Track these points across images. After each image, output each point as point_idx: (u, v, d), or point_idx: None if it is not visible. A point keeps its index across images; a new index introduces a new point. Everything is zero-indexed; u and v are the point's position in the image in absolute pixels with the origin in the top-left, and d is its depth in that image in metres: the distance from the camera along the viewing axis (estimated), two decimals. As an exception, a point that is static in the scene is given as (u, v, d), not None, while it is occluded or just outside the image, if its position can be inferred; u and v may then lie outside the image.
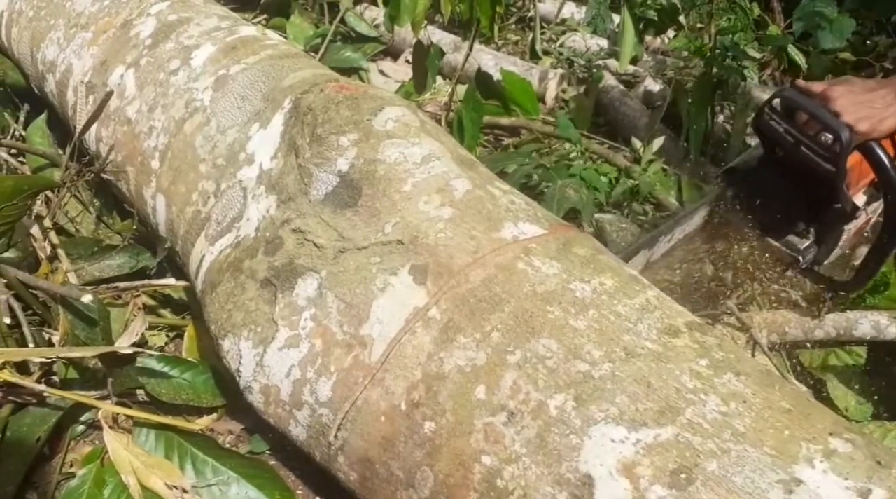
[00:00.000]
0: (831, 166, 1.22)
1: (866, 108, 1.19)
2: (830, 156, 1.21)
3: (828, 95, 1.21)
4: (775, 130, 1.27)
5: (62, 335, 1.37)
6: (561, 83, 2.67)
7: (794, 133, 1.24)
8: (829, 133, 1.19)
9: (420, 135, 1.21)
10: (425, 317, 1.03)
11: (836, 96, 1.20)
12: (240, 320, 1.17)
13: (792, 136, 1.25)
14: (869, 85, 1.23)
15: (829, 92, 1.21)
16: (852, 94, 1.20)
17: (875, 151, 1.23)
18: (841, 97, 1.20)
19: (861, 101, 1.20)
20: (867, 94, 1.21)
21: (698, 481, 0.82)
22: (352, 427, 1.06)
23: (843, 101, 1.19)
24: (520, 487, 0.90)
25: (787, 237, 1.36)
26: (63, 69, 1.82)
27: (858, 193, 1.33)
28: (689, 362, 0.93)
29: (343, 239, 1.14)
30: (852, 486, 0.79)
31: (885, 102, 1.19)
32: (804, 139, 1.23)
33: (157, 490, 1.25)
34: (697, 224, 1.48)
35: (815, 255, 1.36)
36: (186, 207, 1.41)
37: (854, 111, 1.19)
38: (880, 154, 1.22)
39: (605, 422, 0.89)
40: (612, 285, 1.03)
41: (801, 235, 1.35)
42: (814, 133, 1.22)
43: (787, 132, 1.25)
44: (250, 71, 1.47)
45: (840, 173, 1.22)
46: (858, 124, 1.18)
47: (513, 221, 1.12)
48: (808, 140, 1.23)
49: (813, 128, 1.23)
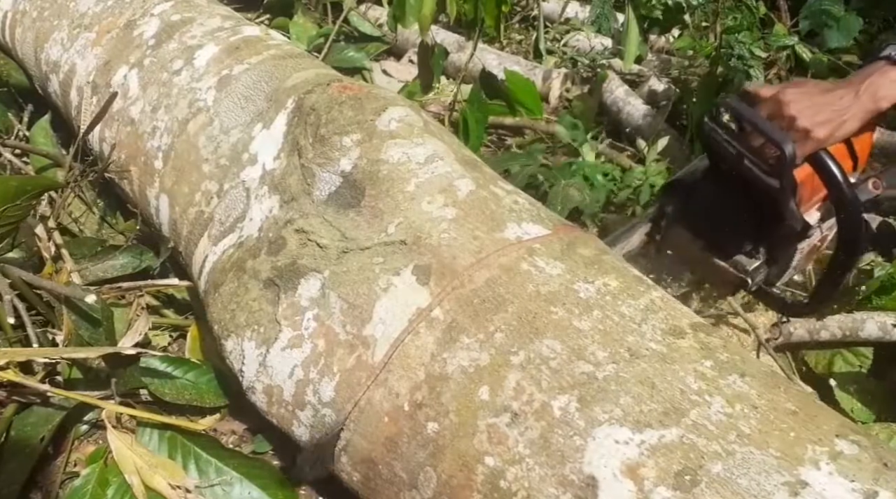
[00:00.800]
0: (776, 181, 1.11)
1: (825, 111, 1.07)
2: (775, 170, 1.10)
3: (780, 99, 1.10)
4: (718, 142, 1.15)
5: (66, 335, 1.37)
6: (565, 83, 2.67)
7: (736, 145, 1.13)
8: (773, 146, 1.08)
9: (423, 135, 1.21)
10: (428, 317, 1.03)
11: (789, 99, 1.09)
12: (243, 321, 1.17)
13: (734, 148, 1.13)
14: (824, 85, 1.11)
15: (782, 95, 1.10)
16: (808, 97, 1.09)
17: (826, 164, 1.10)
18: (795, 100, 1.08)
19: (818, 103, 1.08)
20: (824, 95, 1.09)
21: (703, 483, 0.81)
22: (355, 428, 1.05)
23: (799, 105, 1.08)
24: (523, 488, 0.89)
25: (734, 257, 1.24)
26: (66, 69, 1.82)
27: (812, 210, 1.21)
28: (693, 364, 0.92)
29: (346, 239, 1.14)
30: (859, 488, 0.78)
31: (843, 104, 1.07)
32: (747, 152, 1.12)
33: (160, 490, 1.25)
34: (637, 242, 1.35)
35: (765, 276, 1.25)
36: (189, 207, 1.41)
37: (811, 115, 1.07)
38: (832, 168, 1.09)
39: (609, 423, 0.88)
40: (617, 286, 1.03)
41: (750, 254, 1.23)
42: (757, 145, 1.12)
43: (728, 143, 1.14)
44: (253, 71, 1.47)
45: (786, 189, 1.11)
46: (816, 129, 1.07)
47: (516, 222, 1.11)
48: (751, 152, 1.12)
49: (756, 139, 1.12)
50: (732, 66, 2.14)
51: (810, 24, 2.58)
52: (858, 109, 1.07)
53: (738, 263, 1.23)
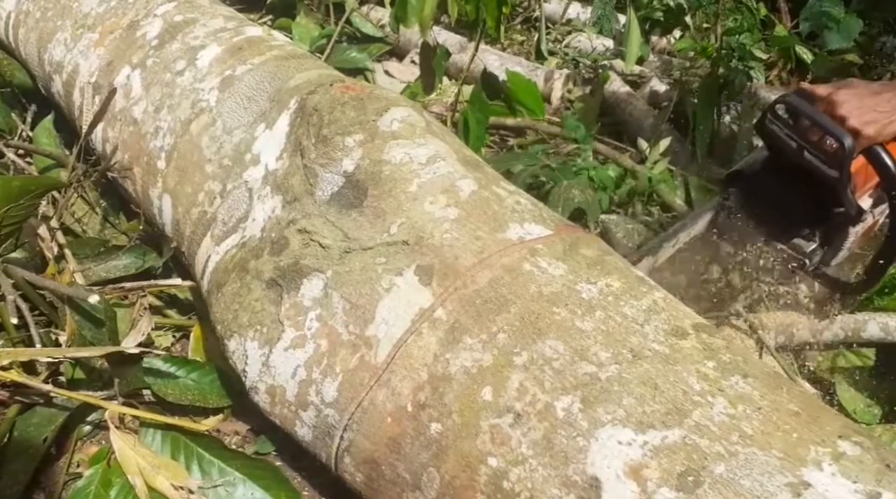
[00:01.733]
0: (835, 172, 1.21)
1: (872, 111, 1.18)
2: (834, 162, 1.21)
3: (833, 99, 1.20)
4: (778, 136, 1.27)
5: (69, 336, 1.37)
6: (566, 84, 2.67)
7: (797, 138, 1.24)
8: (832, 139, 1.19)
9: (425, 135, 1.21)
10: (431, 318, 1.03)
11: (841, 100, 1.19)
12: (245, 321, 1.17)
13: (795, 141, 1.24)
14: (873, 88, 1.22)
15: (834, 96, 1.21)
16: (858, 98, 1.19)
17: (880, 156, 1.22)
18: (846, 101, 1.19)
19: (867, 104, 1.19)
20: (872, 97, 1.19)
21: (706, 484, 0.81)
22: (358, 428, 1.05)
23: (849, 106, 1.19)
24: (526, 489, 0.90)
25: (793, 240, 1.35)
26: (70, 70, 1.82)
27: (864, 196, 1.32)
28: (696, 364, 0.92)
29: (348, 239, 1.14)
30: (861, 489, 0.78)
31: (892, 106, 1.18)
32: (807, 145, 1.23)
33: (163, 491, 1.25)
34: (702, 228, 1.47)
35: (821, 257, 1.36)
36: (192, 207, 1.41)
37: (860, 115, 1.18)
38: (885, 158, 1.22)
39: (612, 424, 0.88)
40: (619, 287, 1.03)
41: (807, 237, 1.35)
42: (817, 139, 1.22)
43: (790, 137, 1.25)
44: (256, 72, 1.47)
45: (844, 179, 1.22)
46: (865, 128, 1.18)
47: (518, 222, 1.12)
48: (812, 146, 1.23)
49: (816, 133, 1.22)
50: (733, 67, 2.14)
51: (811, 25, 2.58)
52: None
53: (797, 246, 1.34)
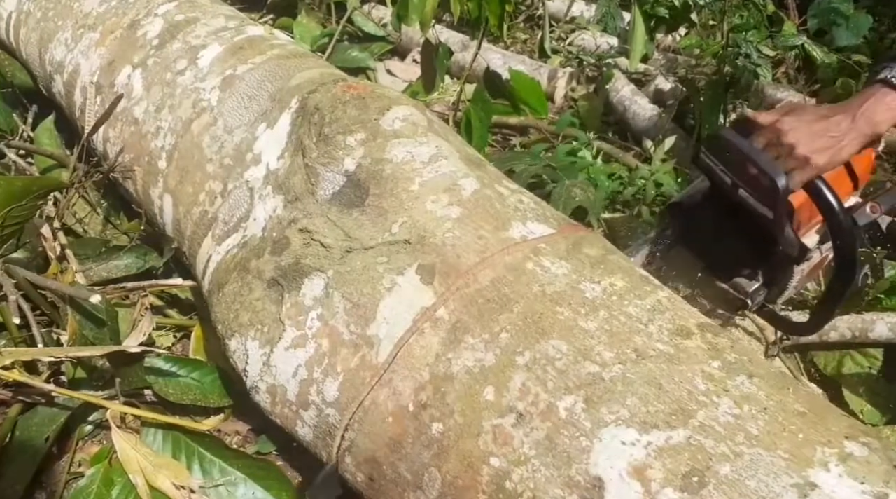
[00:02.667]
0: (769, 211, 1.13)
1: (822, 138, 1.09)
2: (768, 200, 1.12)
3: (778, 128, 1.11)
4: (713, 170, 1.18)
5: (70, 335, 1.37)
6: (570, 82, 2.66)
7: (732, 173, 1.15)
8: (766, 177, 1.10)
9: (427, 134, 1.20)
10: (433, 317, 1.02)
11: (787, 128, 1.10)
12: (247, 320, 1.16)
13: (730, 176, 1.16)
14: (821, 112, 1.11)
15: (780, 124, 1.11)
16: (806, 124, 1.10)
17: (822, 193, 1.11)
18: (794, 128, 1.10)
19: (815, 130, 1.09)
20: (821, 122, 1.10)
21: (711, 485, 0.80)
22: (359, 428, 1.05)
23: (797, 133, 1.09)
24: (529, 489, 0.89)
25: (734, 278, 1.26)
26: (71, 70, 1.82)
27: (810, 232, 1.24)
28: (701, 364, 0.91)
29: (350, 239, 1.13)
30: (869, 490, 0.77)
31: (841, 130, 1.09)
32: (741, 182, 1.15)
33: (164, 490, 1.25)
34: (638, 264, 1.35)
35: (764, 297, 1.27)
36: (193, 207, 1.40)
37: (810, 142, 1.08)
38: (828, 196, 1.11)
39: (615, 424, 0.87)
40: (623, 286, 1.02)
41: (750, 276, 1.26)
42: (752, 175, 1.13)
43: (724, 173, 1.16)
44: (257, 71, 1.47)
45: (779, 219, 1.13)
46: (815, 156, 1.08)
47: (521, 221, 1.11)
48: (747, 182, 1.14)
49: (751, 169, 1.13)
50: (740, 64, 2.13)
51: (819, 22, 2.57)
52: (856, 134, 1.09)
53: (738, 285, 1.26)
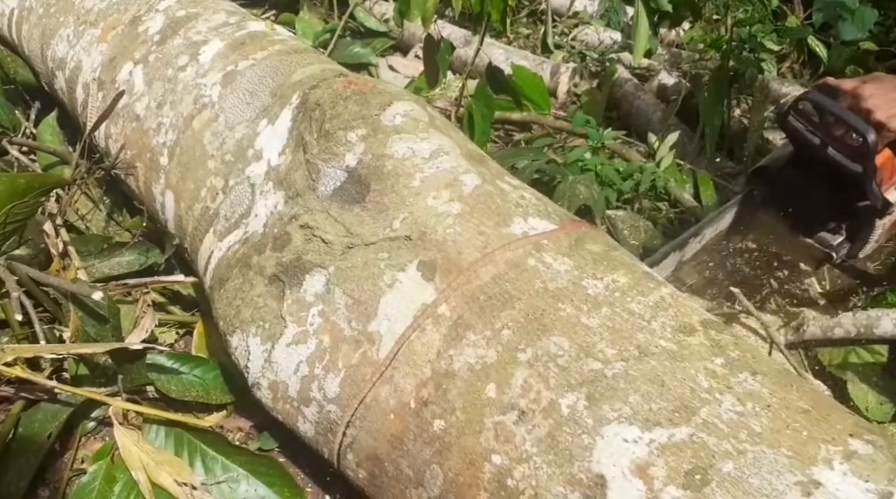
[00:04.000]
0: (859, 167, 1.21)
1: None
2: (858, 157, 1.21)
3: (858, 93, 1.21)
4: (801, 132, 1.27)
5: (73, 332, 1.37)
6: (573, 77, 2.64)
7: (820, 134, 1.24)
8: (856, 135, 1.19)
9: (429, 130, 1.19)
10: (434, 314, 1.02)
11: (867, 94, 1.20)
12: (248, 316, 1.16)
13: (818, 137, 1.25)
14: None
15: (860, 90, 1.21)
16: (883, 92, 1.20)
17: None
18: (872, 95, 1.20)
19: (893, 98, 1.19)
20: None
21: (713, 483, 0.80)
22: (360, 425, 1.04)
23: (875, 100, 1.19)
24: (531, 486, 0.88)
25: (819, 234, 1.35)
26: (72, 66, 1.82)
27: (891, 189, 1.31)
28: (704, 361, 0.91)
29: (351, 235, 1.13)
30: (873, 489, 0.77)
31: None
32: (831, 140, 1.23)
33: (166, 487, 1.25)
34: (727, 224, 1.48)
35: (848, 250, 1.35)
36: (195, 203, 1.40)
37: (886, 109, 1.18)
38: None
39: (617, 422, 0.87)
40: (626, 283, 1.01)
41: (834, 231, 1.34)
42: (840, 134, 1.22)
43: (813, 133, 1.25)
44: (258, 67, 1.46)
45: (868, 173, 1.22)
46: (890, 122, 1.18)
47: (522, 217, 1.10)
48: (835, 141, 1.23)
49: (839, 129, 1.22)
50: (744, 59, 2.11)
51: (824, 16, 2.55)
52: None
53: (823, 239, 1.35)
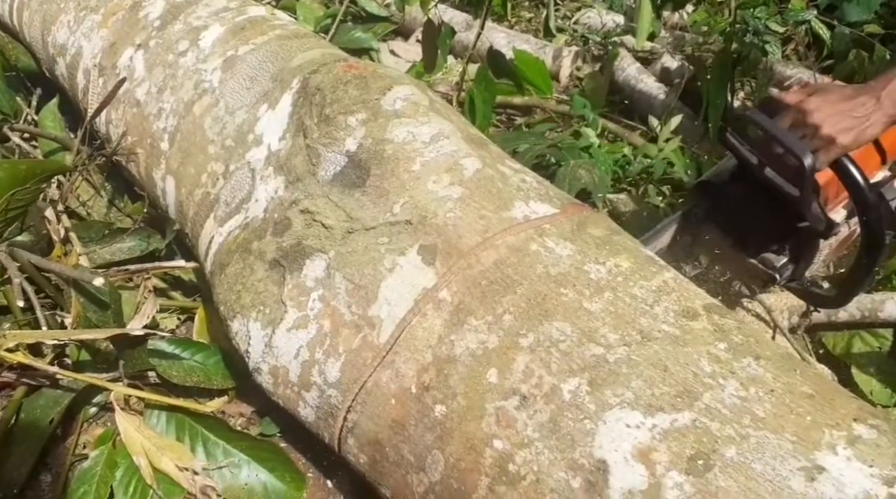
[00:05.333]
0: (796, 190, 1.15)
1: (847, 118, 1.10)
2: (795, 179, 1.15)
3: (803, 107, 1.12)
4: (740, 150, 1.21)
5: (74, 318, 1.37)
6: (575, 61, 2.62)
7: (758, 153, 1.19)
8: (793, 157, 1.11)
9: (429, 114, 1.18)
10: (436, 299, 1.01)
11: (812, 108, 1.11)
12: (248, 301, 1.16)
13: (756, 156, 1.19)
14: (846, 92, 1.12)
15: (805, 104, 1.12)
16: (830, 104, 1.11)
17: (849, 171, 1.13)
18: (818, 108, 1.11)
19: (841, 110, 1.10)
20: (846, 102, 1.10)
21: (716, 468, 0.79)
22: (361, 410, 1.04)
23: (821, 113, 1.10)
24: (532, 471, 0.88)
25: (762, 254, 1.29)
26: (73, 52, 1.81)
27: (838, 208, 1.26)
28: (707, 346, 0.90)
29: (351, 219, 1.12)
30: (877, 474, 0.76)
31: (866, 110, 1.09)
32: (769, 160, 1.18)
33: (168, 472, 1.25)
34: (667, 241, 1.40)
35: (792, 271, 1.29)
36: (196, 188, 1.39)
37: (835, 122, 1.10)
38: (854, 173, 1.13)
39: (620, 407, 0.86)
40: (628, 267, 1.01)
41: (777, 251, 1.28)
42: (778, 154, 1.15)
43: (751, 152, 1.19)
44: (259, 51, 1.45)
45: (806, 197, 1.15)
46: (840, 137, 1.10)
47: (524, 201, 1.09)
48: (773, 161, 1.17)
49: (777, 148, 1.15)
50: (748, 42, 2.09)
51: (829, -3, 2.52)
52: (881, 115, 1.10)
53: (767, 260, 1.29)
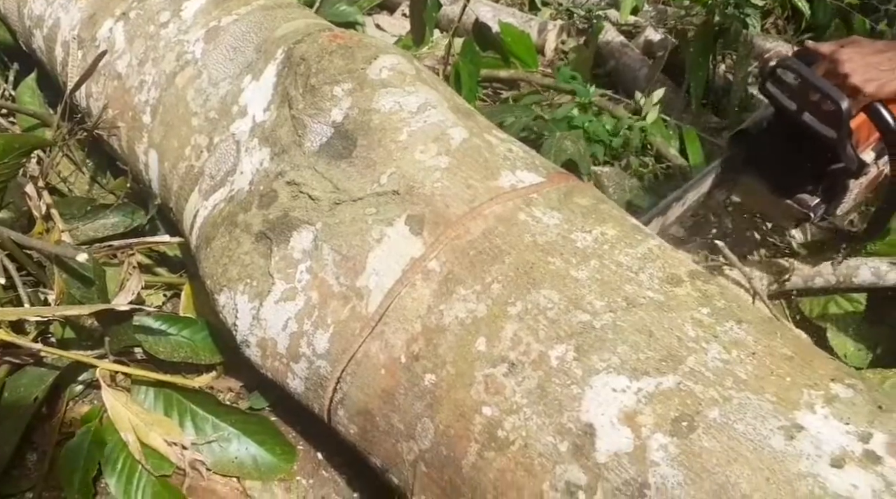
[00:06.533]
0: (833, 132, 1.24)
1: (874, 70, 1.21)
2: (832, 122, 1.24)
3: (836, 58, 1.23)
4: (778, 97, 1.30)
5: (58, 295, 1.36)
6: (560, 34, 2.61)
7: (796, 100, 1.27)
8: (830, 102, 1.21)
9: (416, 83, 1.18)
10: (425, 269, 1.02)
11: (844, 58, 1.22)
12: (235, 274, 1.15)
13: (794, 102, 1.27)
14: (877, 46, 1.24)
15: (837, 54, 1.24)
16: (860, 56, 1.22)
17: (880, 114, 1.25)
18: (849, 59, 1.22)
19: (869, 63, 1.21)
20: (875, 55, 1.22)
21: (700, 429, 0.81)
22: (351, 380, 1.05)
23: (852, 64, 1.21)
24: (521, 437, 0.90)
25: (797, 195, 1.38)
26: (51, 24, 1.77)
27: (868, 149, 1.34)
28: (690, 311, 0.92)
29: (338, 190, 1.12)
30: (853, 430, 0.79)
31: (892, 64, 1.21)
32: (806, 106, 1.26)
33: (156, 447, 1.25)
34: (708, 186, 1.50)
35: (825, 210, 1.39)
36: (179, 161, 1.38)
37: (862, 73, 1.21)
38: (886, 116, 1.25)
39: (606, 372, 0.88)
40: (614, 235, 1.02)
41: (811, 192, 1.37)
42: (815, 100, 1.25)
43: (789, 98, 1.28)
44: (242, 22, 1.43)
45: (842, 139, 1.24)
46: (866, 86, 1.20)
47: (510, 170, 1.10)
48: (811, 107, 1.26)
49: (814, 95, 1.25)
50: (729, 14, 2.10)
51: (809, -32, 2.51)
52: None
53: (802, 200, 1.37)
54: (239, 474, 1.28)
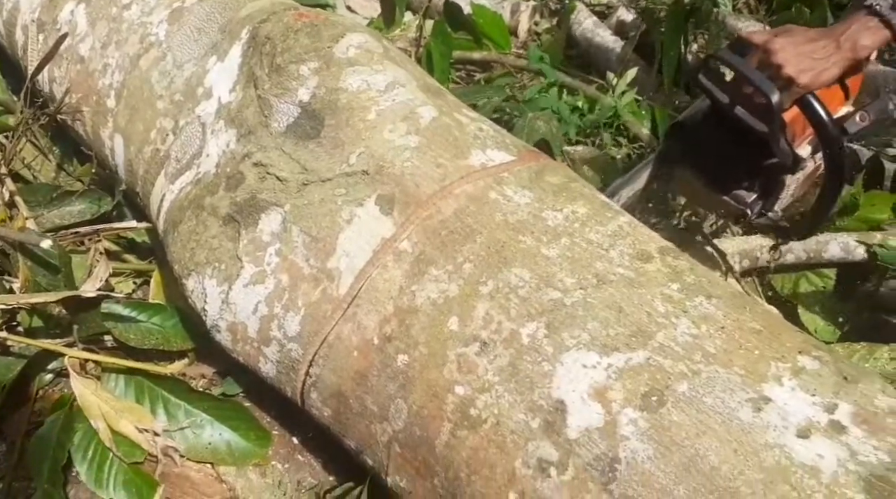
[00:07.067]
0: (765, 126, 1.21)
1: (808, 59, 1.17)
2: (763, 116, 1.20)
3: (769, 48, 1.19)
4: (712, 89, 1.26)
5: (23, 283, 1.33)
6: (533, 16, 2.60)
7: (728, 93, 1.24)
8: (761, 96, 1.17)
9: (384, 62, 1.17)
10: (396, 250, 1.01)
11: (777, 48, 1.18)
12: (203, 258, 1.14)
13: (728, 94, 1.24)
14: (810, 35, 1.20)
15: (770, 44, 1.19)
16: (794, 46, 1.18)
17: (812, 107, 1.20)
18: (782, 49, 1.18)
19: (802, 52, 1.17)
20: (809, 44, 1.18)
21: (669, 403, 0.82)
22: (324, 363, 1.04)
23: (785, 54, 1.17)
24: (493, 415, 0.90)
25: (734, 191, 1.35)
26: (10, 7, 1.73)
27: (803, 144, 1.31)
28: (660, 287, 0.92)
29: (306, 171, 1.10)
30: (819, 402, 0.80)
31: (826, 53, 1.17)
32: (739, 99, 1.23)
33: (127, 434, 1.24)
34: (643, 183, 1.46)
35: (762, 206, 1.35)
36: (145, 145, 1.36)
37: (796, 63, 1.16)
38: (818, 109, 1.20)
39: (576, 348, 0.88)
40: (585, 213, 1.02)
41: (748, 187, 1.34)
42: (748, 93, 1.21)
43: (723, 91, 1.25)
44: (206, 2, 1.40)
45: (774, 133, 1.21)
46: (800, 77, 1.16)
47: (481, 149, 1.09)
48: (743, 100, 1.22)
49: (746, 87, 1.21)
50: (701, -6, 2.10)
51: (779, -51, 2.52)
52: (839, 58, 1.17)
53: (738, 197, 1.34)
54: (213, 460, 1.28)
